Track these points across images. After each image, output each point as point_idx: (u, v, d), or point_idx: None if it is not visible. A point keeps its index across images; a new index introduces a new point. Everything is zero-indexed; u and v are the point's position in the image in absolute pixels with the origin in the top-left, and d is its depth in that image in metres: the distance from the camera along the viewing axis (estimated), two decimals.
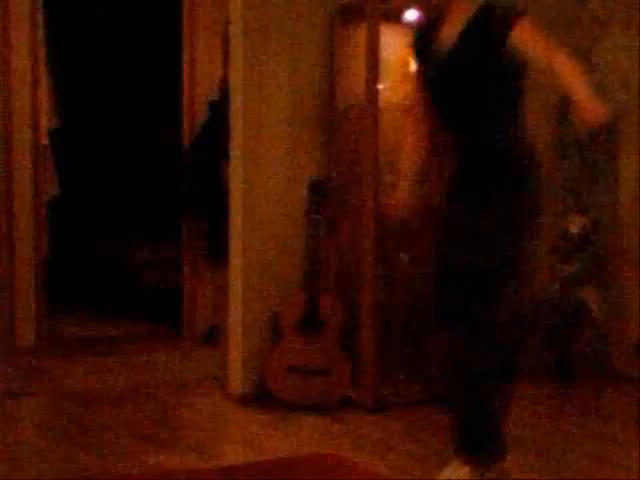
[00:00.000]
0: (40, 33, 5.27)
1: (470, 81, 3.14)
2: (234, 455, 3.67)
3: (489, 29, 3.08)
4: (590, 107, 2.88)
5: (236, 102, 4.28)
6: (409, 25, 4.37)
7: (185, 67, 5.58)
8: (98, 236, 6.96)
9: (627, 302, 4.85)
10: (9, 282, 5.25)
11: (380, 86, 4.13)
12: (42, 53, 5.30)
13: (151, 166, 6.78)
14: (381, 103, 4.14)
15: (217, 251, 4.90)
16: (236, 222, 4.29)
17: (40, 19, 5.28)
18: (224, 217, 4.41)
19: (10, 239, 5.25)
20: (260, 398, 4.23)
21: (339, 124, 4.36)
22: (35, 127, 5.26)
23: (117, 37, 6.89)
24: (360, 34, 4.22)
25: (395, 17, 4.30)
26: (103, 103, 6.98)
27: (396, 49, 4.31)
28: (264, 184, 4.28)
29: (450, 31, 3.15)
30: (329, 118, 4.36)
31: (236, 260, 4.30)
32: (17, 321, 5.27)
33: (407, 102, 4.31)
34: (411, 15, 4.32)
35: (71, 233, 6.64)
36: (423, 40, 3.28)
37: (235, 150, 4.28)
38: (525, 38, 3.03)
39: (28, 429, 4.08)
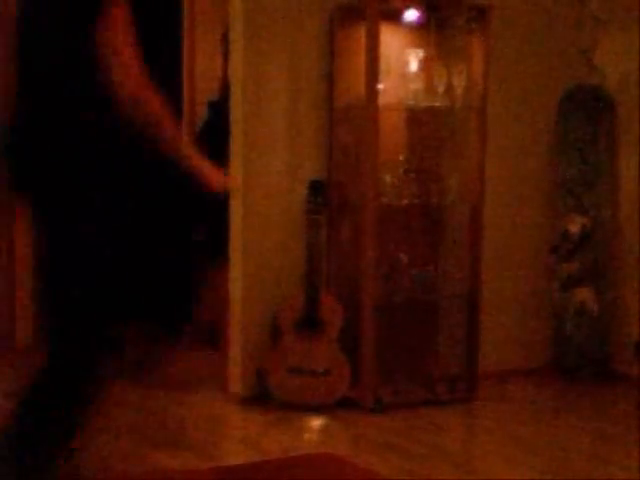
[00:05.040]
0: None
1: None
2: (234, 455, 3.66)
3: None
4: (212, 173, 2.46)
5: (236, 102, 4.28)
6: (409, 25, 4.39)
7: (185, 67, 5.59)
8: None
9: (627, 302, 4.85)
10: (9, 282, 5.25)
11: (380, 86, 4.13)
12: None
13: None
14: (381, 103, 4.14)
15: (217, 251, 4.90)
16: (236, 222, 4.28)
17: None
18: (224, 217, 4.40)
19: (10, 239, 5.24)
20: (260, 398, 4.23)
21: (339, 124, 4.37)
22: None
23: None
24: (360, 34, 4.22)
25: (395, 17, 4.30)
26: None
27: (396, 49, 4.32)
28: (264, 184, 4.28)
29: None
30: (329, 118, 4.36)
31: (236, 260, 4.30)
32: (17, 321, 5.27)
33: (407, 102, 4.34)
34: (411, 15, 4.33)
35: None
36: None
37: (235, 150, 4.28)
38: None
39: None
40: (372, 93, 4.10)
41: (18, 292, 5.28)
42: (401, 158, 4.38)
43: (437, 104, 4.33)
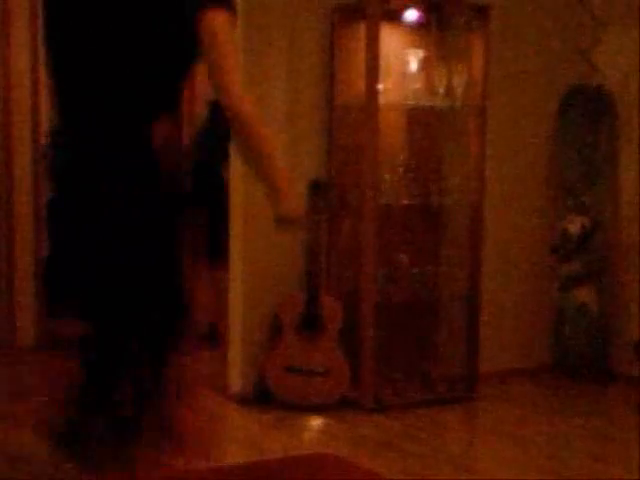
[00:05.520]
0: (40, 33, 5.27)
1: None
2: (234, 455, 3.67)
3: None
4: (292, 196, 2.37)
5: None
6: (409, 25, 4.39)
7: None
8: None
9: (627, 302, 4.85)
10: (9, 282, 5.25)
11: (380, 86, 4.13)
12: (42, 53, 5.30)
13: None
14: (381, 103, 4.14)
15: (217, 251, 4.90)
16: (236, 222, 4.29)
17: (40, 19, 5.27)
18: (224, 217, 4.41)
19: (10, 239, 5.25)
20: (260, 398, 4.23)
21: (339, 124, 4.37)
22: (35, 127, 5.26)
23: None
24: (360, 34, 4.22)
25: (395, 17, 4.30)
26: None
27: (396, 49, 4.32)
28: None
29: None
30: (329, 118, 4.36)
31: (236, 260, 4.30)
32: (17, 321, 5.27)
33: (407, 102, 4.34)
34: (411, 15, 4.33)
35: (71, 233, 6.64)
36: None
37: (235, 150, 4.28)
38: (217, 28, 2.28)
39: (28, 429, 4.07)
40: (372, 93, 4.10)
41: (18, 292, 5.28)
42: (401, 158, 4.38)
43: (437, 104, 4.33)
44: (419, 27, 4.39)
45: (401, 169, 4.34)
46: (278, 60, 4.29)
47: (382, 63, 4.11)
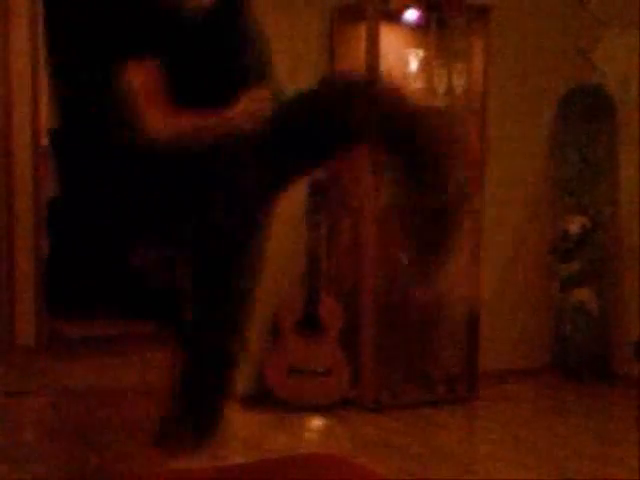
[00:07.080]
0: (40, 33, 5.27)
1: None
2: (234, 455, 3.66)
3: None
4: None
5: None
6: (409, 25, 4.39)
7: None
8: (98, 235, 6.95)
9: (627, 302, 4.85)
10: (9, 282, 5.25)
11: None
12: (42, 53, 5.29)
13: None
14: None
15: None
16: None
17: (40, 19, 5.27)
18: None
19: (10, 239, 5.24)
20: (260, 398, 4.23)
21: None
22: (35, 127, 5.25)
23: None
24: (360, 34, 4.22)
25: (395, 17, 4.30)
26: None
27: (396, 49, 4.32)
28: None
29: None
30: None
31: None
32: (17, 321, 5.27)
33: None
34: (411, 15, 4.33)
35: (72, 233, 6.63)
36: None
37: None
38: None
39: (28, 429, 4.07)
40: None
41: (18, 292, 5.27)
42: None
43: (437, 104, 4.33)
44: (419, 27, 4.39)
45: None
46: (278, 60, 4.28)
47: (382, 63, 4.11)
